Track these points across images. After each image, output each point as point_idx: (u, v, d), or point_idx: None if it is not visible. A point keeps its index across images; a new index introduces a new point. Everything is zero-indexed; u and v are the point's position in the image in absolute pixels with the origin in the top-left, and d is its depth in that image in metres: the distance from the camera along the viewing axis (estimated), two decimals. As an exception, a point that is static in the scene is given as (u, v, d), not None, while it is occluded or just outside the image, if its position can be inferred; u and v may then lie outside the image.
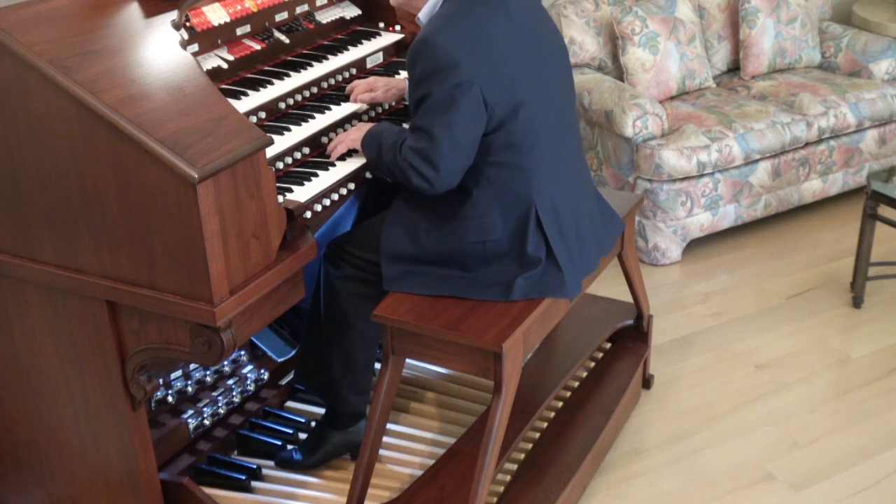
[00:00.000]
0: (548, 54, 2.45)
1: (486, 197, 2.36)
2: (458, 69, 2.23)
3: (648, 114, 3.87)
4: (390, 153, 2.36)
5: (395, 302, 2.38)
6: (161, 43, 2.27)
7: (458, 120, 2.24)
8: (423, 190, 2.32)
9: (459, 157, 2.29)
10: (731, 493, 2.82)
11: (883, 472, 2.88)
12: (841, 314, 3.67)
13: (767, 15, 4.45)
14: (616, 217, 2.74)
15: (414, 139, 2.31)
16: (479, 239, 2.36)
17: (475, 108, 2.26)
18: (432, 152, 2.26)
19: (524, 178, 2.35)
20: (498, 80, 2.28)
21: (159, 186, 1.96)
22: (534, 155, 2.36)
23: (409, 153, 2.30)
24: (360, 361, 2.58)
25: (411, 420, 2.92)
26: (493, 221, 2.36)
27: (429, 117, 2.27)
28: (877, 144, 4.37)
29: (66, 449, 2.45)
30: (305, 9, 2.93)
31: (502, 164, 2.34)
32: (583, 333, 3.11)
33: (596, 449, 2.77)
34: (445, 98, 2.24)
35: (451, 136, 2.25)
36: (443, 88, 2.23)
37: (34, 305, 2.29)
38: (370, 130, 2.47)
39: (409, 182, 2.33)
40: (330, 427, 2.69)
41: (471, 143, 2.29)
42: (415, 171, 2.29)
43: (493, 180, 2.35)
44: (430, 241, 2.40)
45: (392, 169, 2.36)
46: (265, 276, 2.14)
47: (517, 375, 2.37)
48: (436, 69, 2.24)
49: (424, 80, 2.26)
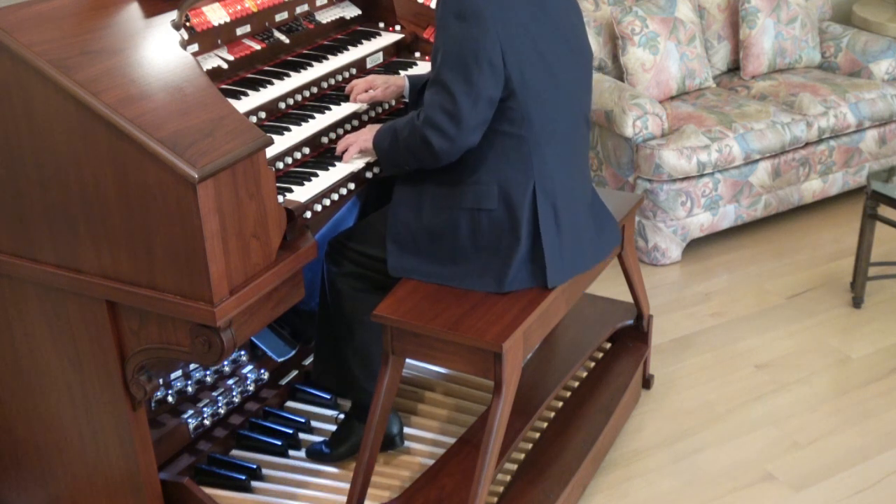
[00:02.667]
0: (571, 52, 2.45)
1: (486, 164, 2.37)
2: (482, 23, 2.23)
3: (648, 114, 3.87)
4: (407, 128, 2.36)
5: (395, 302, 2.38)
6: (161, 43, 2.27)
7: (479, 75, 2.25)
8: (441, 151, 2.31)
9: (480, 111, 2.29)
10: (731, 493, 2.82)
11: (883, 472, 2.88)
12: (841, 314, 3.67)
13: (767, 15, 4.45)
14: (613, 228, 2.71)
15: (433, 93, 2.31)
16: (473, 205, 2.37)
17: (495, 65, 2.26)
18: (454, 107, 2.26)
19: (528, 156, 2.36)
20: (518, 48, 2.28)
21: (159, 186, 1.96)
22: (542, 139, 2.36)
23: (429, 111, 2.30)
24: (374, 353, 2.58)
25: (411, 420, 2.92)
26: (490, 190, 2.36)
27: (450, 72, 2.27)
28: (877, 144, 4.37)
29: (66, 449, 2.45)
30: (305, 9, 2.93)
31: (507, 133, 2.35)
32: (583, 333, 3.11)
33: (596, 449, 2.77)
34: (467, 51, 2.24)
35: (473, 91, 2.25)
36: (464, 37, 2.24)
37: (34, 305, 2.29)
38: (381, 127, 2.49)
39: (428, 147, 2.31)
40: (357, 419, 2.71)
41: (490, 100, 2.29)
42: (436, 129, 2.29)
43: (495, 149, 2.36)
44: (430, 210, 2.41)
45: (410, 142, 2.35)
46: (265, 276, 2.14)
47: (517, 375, 2.37)
48: (459, 14, 2.25)
49: (446, 23, 2.27)
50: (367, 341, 2.58)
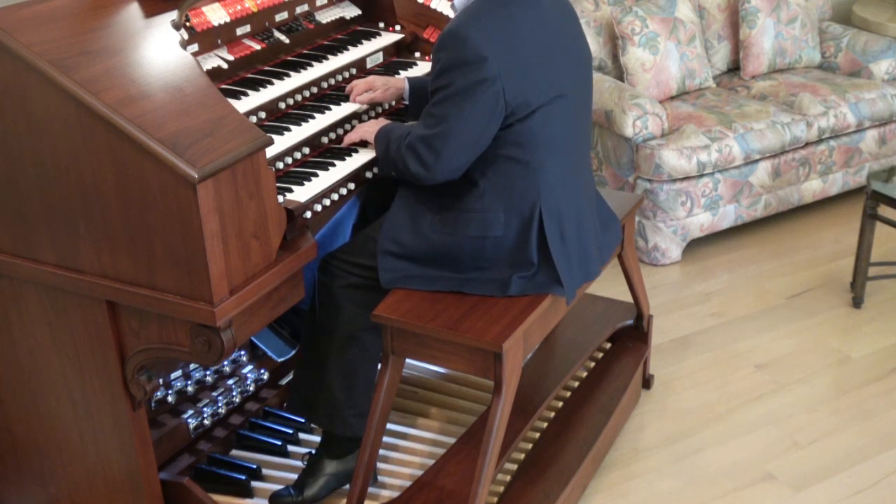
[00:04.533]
0: (573, 62, 2.44)
1: (492, 192, 2.35)
2: (485, 65, 2.22)
3: (648, 114, 3.87)
4: (396, 143, 2.37)
5: (395, 302, 2.38)
6: (161, 43, 2.27)
7: (472, 113, 2.24)
8: (418, 177, 2.32)
9: (463, 149, 2.28)
10: (731, 493, 2.82)
11: (883, 472, 2.88)
12: (841, 314, 3.67)
13: (767, 15, 4.45)
14: (616, 226, 2.72)
15: (422, 125, 2.31)
16: (478, 234, 2.36)
17: (493, 105, 2.25)
18: (437, 139, 2.27)
19: (533, 178, 2.35)
20: (521, 80, 2.27)
21: (159, 186, 1.96)
22: (546, 157, 2.35)
23: (414, 140, 2.31)
24: (361, 378, 2.51)
25: (411, 420, 2.92)
26: (496, 217, 2.35)
27: (443, 106, 2.26)
28: (877, 144, 4.37)
29: (66, 449, 2.45)
30: (305, 9, 2.93)
31: (513, 159, 2.33)
32: (583, 333, 3.11)
33: (596, 449, 2.77)
34: (465, 90, 2.23)
35: (460, 127, 2.25)
36: (465, 81, 2.23)
37: (34, 305, 2.29)
38: (384, 126, 2.48)
39: (406, 169, 2.33)
40: (327, 456, 2.58)
41: (478, 140, 2.28)
42: (415, 155, 2.30)
43: (501, 175, 2.35)
44: (431, 232, 2.39)
45: (395, 158, 2.36)
46: (265, 276, 2.14)
47: (517, 375, 2.37)
48: (462, 62, 2.23)
49: (448, 71, 2.25)
50: (355, 361, 2.49)
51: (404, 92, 2.74)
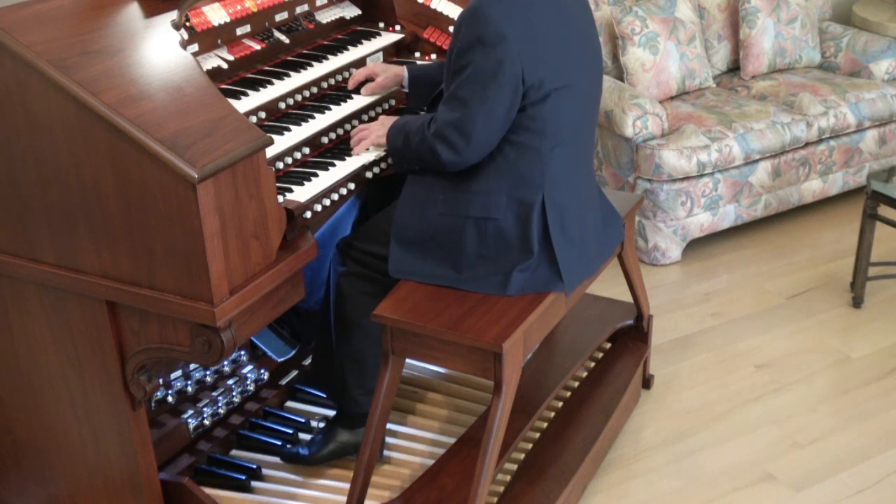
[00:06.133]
0: (585, 55, 2.45)
1: (497, 174, 2.37)
2: (505, 44, 2.23)
3: (648, 114, 3.87)
4: (418, 135, 2.38)
5: (395, 302, 2.38)
6: (161, 43, 2.27)
7: (496, 94, 2.26)
8: (449, 163, 2.34)
9: (492, 130, 2.30)
10: (731, 493, 2.82)
11: (883, 472, 2.88)
12: (841, 314, 3.67)
13: (767, 15, 4.45)
14: (617, 222, 2.74)
15: (448, 110, 2.32)
16: (481, 214, 2.37)
17: (514, 85, 2.27)
18: (466, 122, 2.28)
19: (538, 165, 2.36)
20: (537, 62, 2.29)
21: (159, 186, 1.96)
22: (552, 145, 2.37)
23: (441, 125, 2.32)
24: (368, 361, 2.58)
25: (411, 420, 2.92)
26: (498, 200, 2.37)
27: (467, 88, 2.28)
28: (877, 144, 4.37)
29: (66, 449, 2.45)
30: (305, 9, 2.93)
31: (520, 144, 2.35)
32: (583, 333, 3.11)
33: (596, 449, 2.77)
34: (487, 70, 2.25)
35: (487, 109, 2.27)
36: (486, 60, 2.24)
37: (34, 305, 2.29)
38: (395, 123, 2.49)
39: (436, 157, 2.34)
40: (340, 426, 2.70)
41: (504, 119, 2.30)
42: (445, 142, 2.31)
43: (507, 159, 2.36)
44: (436, 215, 2.41)
45: (420, 149, 2.38)
46: (265, 276, 2.14)
47: (517, 375, 2.37)
48: (482, 40, 2.24)
49: (469, 49, 2.27)
50: (363, 347, 2.57)
51: (403, 80, 2.76)
